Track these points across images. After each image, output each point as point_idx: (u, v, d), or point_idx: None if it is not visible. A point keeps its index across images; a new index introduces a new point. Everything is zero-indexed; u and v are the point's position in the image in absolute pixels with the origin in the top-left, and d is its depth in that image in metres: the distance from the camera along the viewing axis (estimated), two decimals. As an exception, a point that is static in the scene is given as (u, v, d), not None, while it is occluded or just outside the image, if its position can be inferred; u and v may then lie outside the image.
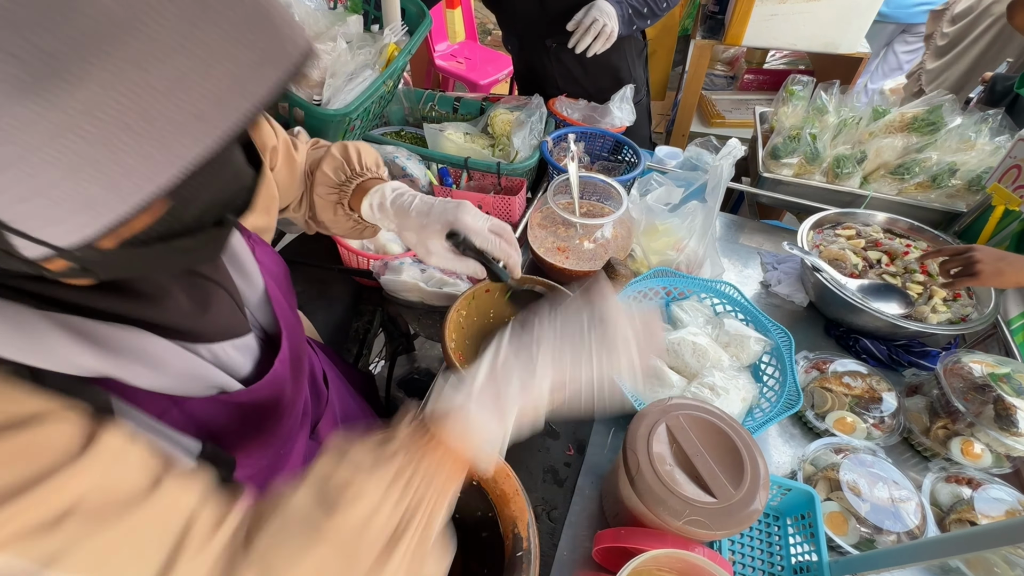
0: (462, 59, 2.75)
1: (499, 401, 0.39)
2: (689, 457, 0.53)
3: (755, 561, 0.65)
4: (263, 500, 0.35)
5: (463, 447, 0.38)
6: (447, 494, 0.38)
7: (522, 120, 1.15)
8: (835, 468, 0.69)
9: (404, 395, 1.31)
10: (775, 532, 0.67)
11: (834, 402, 0.78)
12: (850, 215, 1.05)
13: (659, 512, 0.50)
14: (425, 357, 1.39)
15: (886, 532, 0.64)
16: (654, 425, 0.55)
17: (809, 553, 0.63)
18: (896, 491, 0.67)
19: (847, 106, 1.23)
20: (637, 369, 0.41)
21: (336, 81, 0.81)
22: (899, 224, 1.02)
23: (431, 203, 0.61)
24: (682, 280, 0.88)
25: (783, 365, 0.76)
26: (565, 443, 0.76)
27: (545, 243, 0.97)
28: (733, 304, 0.86)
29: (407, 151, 1.11)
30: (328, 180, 0.64)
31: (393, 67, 0.89)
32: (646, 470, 0.52)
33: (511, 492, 0.50)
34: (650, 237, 0.96)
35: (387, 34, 0.91)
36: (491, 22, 4.66)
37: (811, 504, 0.64)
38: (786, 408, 0.70)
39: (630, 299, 0.83)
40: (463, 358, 0.73)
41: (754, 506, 0.50)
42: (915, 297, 0.89)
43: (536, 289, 0.76)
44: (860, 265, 0.95)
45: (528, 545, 0.46)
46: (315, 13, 0.91)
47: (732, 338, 0.80)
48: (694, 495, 0.51)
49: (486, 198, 1.07)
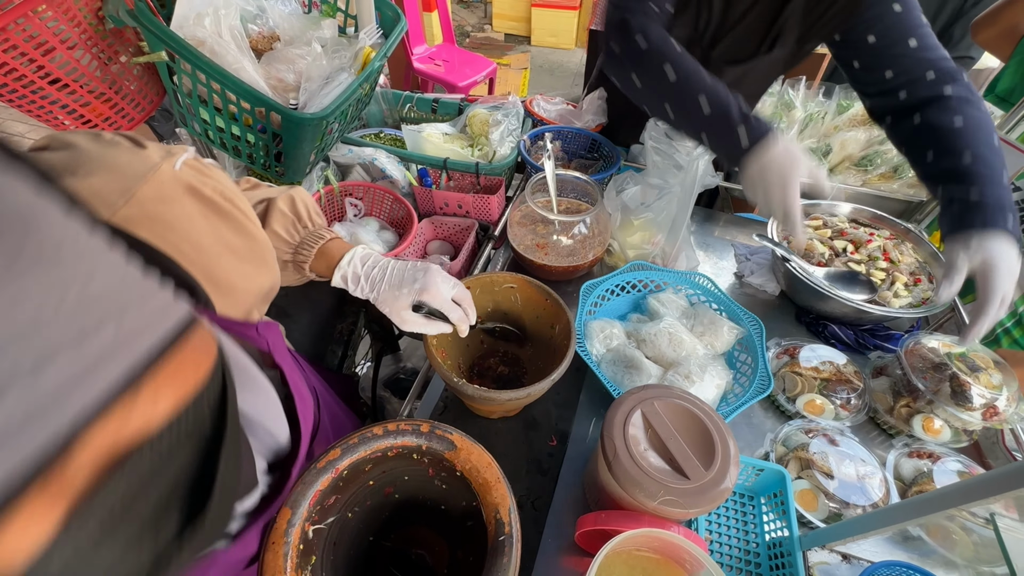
0: (440, 61, 2.76)
1: None
2: (663, 441, 0.55)
3: (731, 539, 0.68)
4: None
5: None
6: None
7: (499, 120, 1.17)
8: (805, 448, 0.73)
9: (391, 395, 1.32)
10: (750, 511, 0.70)
11: (804, 385, 0.82)
12: (817, 206, 1.09)
13: (635, 494, 0.53)
14: (411, 357, 1.40)
15: (853, 506, 0.67)
16: (630, 412, 0.58)
17: (781, 529, 0.66)
18: (862, 467, 0.71)
19: (813, 101, 1.28)
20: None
21: (312, 85, 0.82)
22: (863, 214, 1.07)
23: (401, 275, 0.65)
24: (658, 273, 0.91)
25: (755, 352, 0.80)
26: (548, 434, 0.78)
27: (524, 241, 0.99)
28: (708, 295, 0.89)
29: (386, 152, 1.12)
30: (279, 238, 0.63)
31: (369, 70, 0.90)
32: (622, 454, 0.54)
33: (493, 480, 0.51)
34: (626, 232, 0.98)
35: (362, 37, 0.92)
36: (469, 24, 4.67)
37: (783, 483, 0.67)
38: (758, 392, 0.73)
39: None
40: (445, 354, 0.74)
41: (725, 484, 0.53)
42: (879, 283, 0.93)
43: (494, 329, 0.80)
44: (827, 254, 0.99)
45: (510, 530, 0.48)
46: (290, 18, 0.91)
47: (707, 327, 0.83)
48: (668, 476, 0.53)
49: (466, 197, 1.08)
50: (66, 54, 0.73)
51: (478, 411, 0.78)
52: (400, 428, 0.54)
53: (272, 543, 0.47)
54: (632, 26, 0.76)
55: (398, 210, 1.10)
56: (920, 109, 0.79)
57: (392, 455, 0.54)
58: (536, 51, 4.34)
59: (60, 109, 0.77)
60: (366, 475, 0.56)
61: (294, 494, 0.49)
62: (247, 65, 0.78)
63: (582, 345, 0.79)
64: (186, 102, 0.84)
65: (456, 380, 0.64)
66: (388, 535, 0.66)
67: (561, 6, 4.14)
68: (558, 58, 4.28)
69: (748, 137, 0.71)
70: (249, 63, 0.79)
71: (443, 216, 1.13)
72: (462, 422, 0.78)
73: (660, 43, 0.75)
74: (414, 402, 0.82)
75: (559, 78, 4.01)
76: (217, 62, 0.74)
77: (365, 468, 0.55)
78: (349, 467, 0.52)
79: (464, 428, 0.55)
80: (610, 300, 0.91)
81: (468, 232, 1.09)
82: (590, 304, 0.86)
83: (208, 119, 0.84)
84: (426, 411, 0.81)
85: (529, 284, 0.77)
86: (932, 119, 0.77)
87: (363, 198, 1.11)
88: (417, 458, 0.55)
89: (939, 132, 0.76)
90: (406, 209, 1.07)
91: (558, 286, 0.77)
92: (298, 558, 0.47)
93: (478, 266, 1.03)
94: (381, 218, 1.12)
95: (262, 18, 0.88)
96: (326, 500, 0.52)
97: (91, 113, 0.81)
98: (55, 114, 0.78)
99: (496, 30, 4.55)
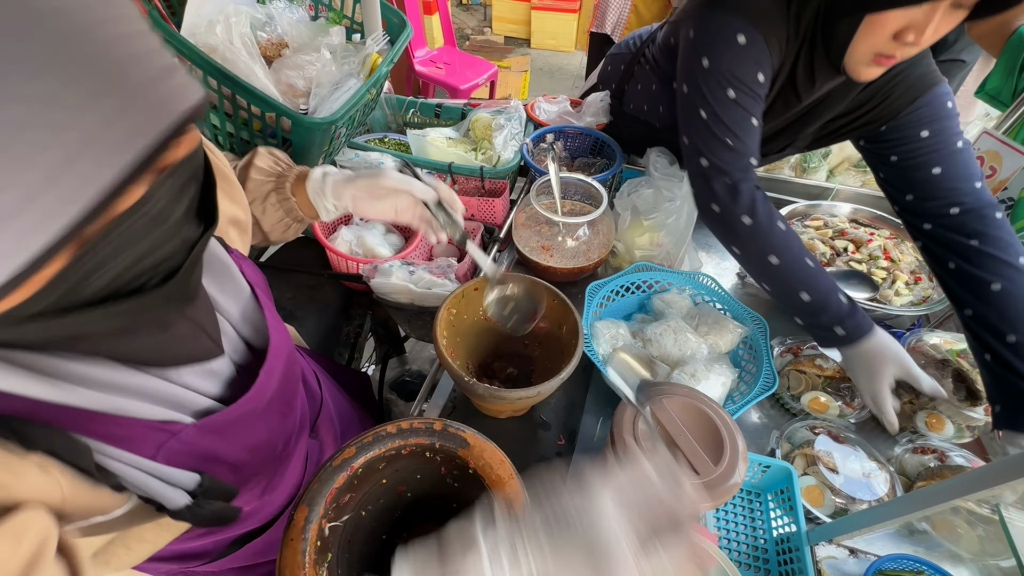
0: (441, 64, 2.78)
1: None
2: (672, 437, 0.56)
3: (739, 535, 0.69)
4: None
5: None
6: None
7: (502, 124, 1.18)
8: (810, 445, 0.74)
9: (396, 397, 1.33)
10: (757, 508, 0.71)
11: (808, 383, 0.83)
12: (818, 207, 1.10)
13: (646, 489, 0.54)
14: (416, 359, 1.41)
15: (859, 502, 0.68)
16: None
17: (789, 525, 0.67)
18: (867, 464, 0.72)
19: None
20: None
21: (322, 91, 0.83)
22: (863, 214, 1.08)
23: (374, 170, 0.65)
24: (663, 273, 0.92)
25: (759, 351, 0.81)
26: (556, 433, 0.79)
27: (530, 243, 1.00)
28: (711, 295, 0.90)
29: (392, 157, 1.13)
30: (262, 172, 0.67)
31: (376, 75, 0.91)
32: (632, 451, 0.55)
33: (506, 476, 0.52)
34: (635, 232, 0.99)
35: (369, 44, 0.93)
36: (469, 27, 4.70)
37: (789, 479, 0.68)
38: (763, 390, 0.74)
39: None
40: (455, 354, 0.75)
41: (734, 479, 0.54)
42: (880, 282, 0.95)
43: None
44: (828, 254, 1.00)
45: (524, 525, 0.49)
46: (298, 25, 0.92)
47: (711, 327, 0.84)
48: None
49: (471, 201, 1.10)
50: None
51: (487, 411, 0.79)
52: (413, 426, 0.55)
53: (290, 540, 0.47)
54: (741, 200, 0.73)
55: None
56: (952, 251, 0.75)
57: (406, 453, 0.55)
58: (536, 54, 4.36)
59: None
60: (379, 473, 0.57)
61: (311, 491, 0.50)
62: (258, 71, 0.79)
63: (589, 345, 0.80)
64: (196, 108, 0.85)
65: (467, 379, 0.65)
66: (400, 533, 0.67)
67: (561, 9, 4.16)
68: (558, 61, 4.30)
69: (844, 333, 0.71)
70: (260, 69, 0.80)
71: (448, 219, 1.14)
72: (470, 422, 0.79)
73: (767, 226, 0.73)
74: (422, 403, 0.83)
75: (559, 80, 4.03)
76: (229, 68, 0.75)
77: (379, 466, 0.56)
78: (363, 465, 0.53)
79: (473, 428, 0.56)
80: (615, 301, 0.92)
81: (474, 235, 1.10)
82: (596, 304, 0.87)
83: (218, 124, 0.85)
84: (434, 412, 0.82)
85: (536, 285, 0.78)
86: (967, 271, 0.72)
87: (369, 201, 1.12)
88: (430, 456, 0.56)
89: (978, 291, 0.71)
90: (412, 212, 1.08)
91: (563, 287, 0.78)
92: (315, 555, 0.48)
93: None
94: (386, 222, 1.14)
95: (271, 25, 0.89)
96: (341, 498, 0.53)
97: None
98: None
99: (496, 33, 4.57)
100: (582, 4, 4.16)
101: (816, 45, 0.72)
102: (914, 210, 0.79)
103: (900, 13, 0.61)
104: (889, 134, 0.78)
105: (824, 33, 0.70)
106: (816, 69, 0.75)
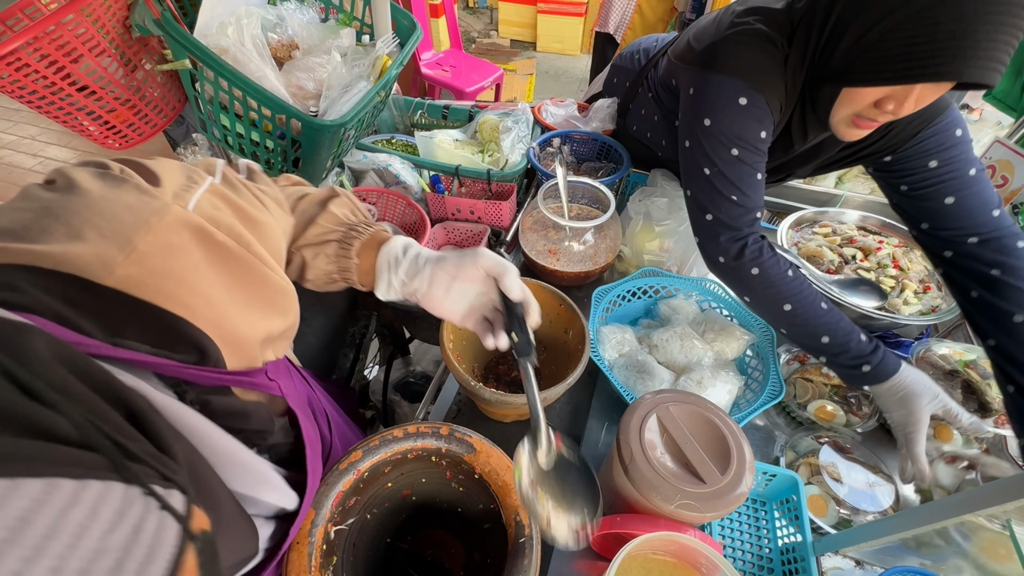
0: (447, 67, 2.79)
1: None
2: (679, 445, 0.56)
3: (744, 544, 0.68)
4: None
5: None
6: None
7: (509, 126, 1.19)
8: (815, 454, 0.73)
9: (400, 398, 1.33)
10: (762, 516, 0.71)
11: (814, 392, 0.82)
12: (826, 214, 1.10)
13: (651, 497, 0.53)
14: (421, 360, 1.41)
15: (863, 512, 0.68)
16: (645, 416, 0.58)
17: (794, 535, 0.67)
18: (871, 474, 0.72)
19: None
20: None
21: (332, 93, 0.84)
22: (871, 221, 1.08)
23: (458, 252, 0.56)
24: (669, 279, 0.92)
25: (766, 358, 0.80)
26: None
27: (536, 246, 1.00)
28: (718, 301, 0.90)
29: (400, 159, 1.13)
30: (333, 220, 0.57)
31: (386, 78, 0.91)
32: (639, 458, 0.55)
33: (512, 483, 0.52)
34: (646, 236, 0.99)
35: (379, 46, 0.93)
36: (475, 30, 4.71)
37: (795, 488, 0.67)
38: (770, 398, 0.74)
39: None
40: (460, 357, 0.75)
41: (740, 489, 0.53)
42: (888, 290, 0.94)
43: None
44: (836, 261, 0.99)
45: (530, 532, 0.49)
46: (308, 26, 0.93)
47: (718, 333, 0.84)
48: (684, 481, 0.54)
49: (478, 203, 1.10)
50: (94, 62, 0.75)
51: (492, 415, 0.79)
52: (420, 431, 0.55)
53: (296, 543, 0.47)
54: (748, 252, 0.72)
55: (411, 215, 1.12)
56: (974, 280, 0.72)
57: (412, 457, 0.55)
58: (542, 57, 4.37)
59: (86, 115, 0.79)
60: (385, 477, 0.57)
61: (317, 495, 0.50)
62: (269, 73, 0.79)
63: (595, 350, 0.80)
64: (207, 108, 0.86)
65: (473, 384, 0.65)
66: (405, 537, 0.67)
67: (567, 12, 4.16)
68: (564, 64, 4.30)
69: (870, 370, 0.70)
70: (271, 71, 0.80)
71: (455, 222, 1.14)
72: (475, 426, 0.79)
73: (776, 275, 0.72)
74: (428, 406, 0.83)
75: (564, 84, 4.03)
76: (240, 70, 0.76)
77: (384, 470, 0.56)
78: (369, 469, 0.53)
79: (477, 432, 0.56)
80: (621, 305, 0.92)
81: (480, 238, 1.10)
82: (602, 309, 0.87)
83: (228, 125, 0.86)
84: (439, 415, 0.82)
85: (543, 289, 0.78)
86: (989, 301, 0.70)
87: (376, 203, 1.12)
88: (436, 460, 0.56)
89: (1001, 322, 0.69)
90: (419, 214, 1.09)
91: (569, 291, 0.78)
92: (321, 558, 0.48)
93: (490, 271, 1.03)
94: (394, 223, 1.14)
95: (281, 27, 0.90)
96: (347, 501, 0.53)
97: (116, 119, 0.82)
98: (80, 120, 0.80)
99: (502, 36, 4.58)
100: (588, 8, 4.16)
101: (807, 103, 0.72)
102: (931, 237, 0.77)
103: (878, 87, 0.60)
104: (895, 164, 0.77)
105: (811, 95, 0.70)
106: (808, 124, 0.75)
